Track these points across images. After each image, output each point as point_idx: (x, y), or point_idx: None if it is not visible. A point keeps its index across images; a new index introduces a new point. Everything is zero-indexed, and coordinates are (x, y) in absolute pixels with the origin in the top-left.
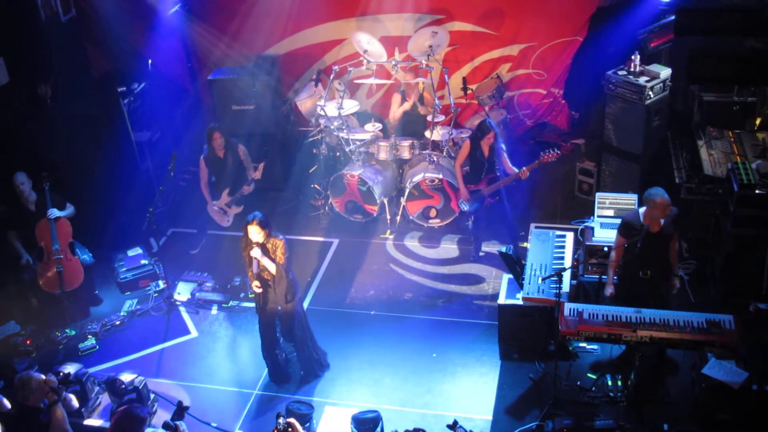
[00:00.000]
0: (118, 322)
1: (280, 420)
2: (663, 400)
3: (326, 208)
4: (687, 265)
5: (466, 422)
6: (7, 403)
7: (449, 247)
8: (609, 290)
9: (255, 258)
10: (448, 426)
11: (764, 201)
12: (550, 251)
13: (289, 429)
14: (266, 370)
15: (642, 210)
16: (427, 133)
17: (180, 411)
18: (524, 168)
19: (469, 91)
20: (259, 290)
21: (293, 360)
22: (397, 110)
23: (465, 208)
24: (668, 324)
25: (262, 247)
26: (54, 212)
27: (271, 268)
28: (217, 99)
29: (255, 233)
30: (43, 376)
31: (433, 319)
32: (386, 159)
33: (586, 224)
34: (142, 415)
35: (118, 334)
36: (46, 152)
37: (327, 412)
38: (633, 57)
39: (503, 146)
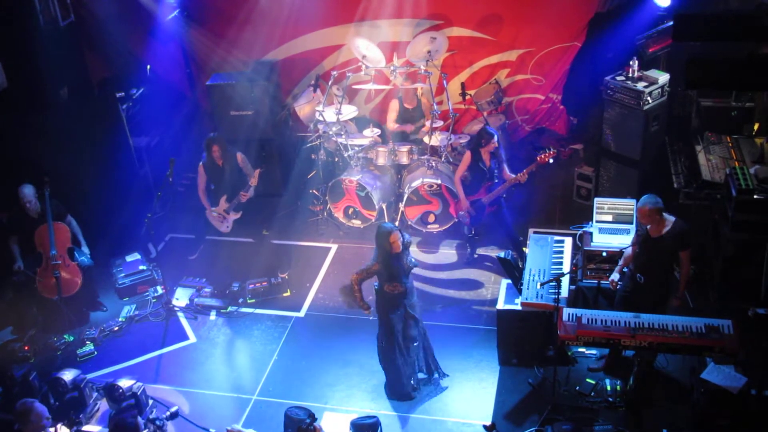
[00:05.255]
0: (116, 328)
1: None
2: (662, 404)
3: (325, 213)
4: None
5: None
6: None
7: (448, 252)
8: (611, 276)
9: None
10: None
11: (762, 206)
12: (548, 256)
13: None
14: (265, 374)
15: None
16: (426, 139)
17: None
18: (522, 171)
19: (467, 97)
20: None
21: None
22: (393, 124)
23: (466, 221)
24: (667, 329)
25: None
26: (84, 262)
27: None
28: (215, 104)
29: None
30: (46, 414)
31: (431, 325)
32: (385, 164)
33: (584, 229)
34: (132, 425)
35: (117, 340)
36: (44, 157)
37: (326, 417)
38: (631, 62)
39: (503, 153)
